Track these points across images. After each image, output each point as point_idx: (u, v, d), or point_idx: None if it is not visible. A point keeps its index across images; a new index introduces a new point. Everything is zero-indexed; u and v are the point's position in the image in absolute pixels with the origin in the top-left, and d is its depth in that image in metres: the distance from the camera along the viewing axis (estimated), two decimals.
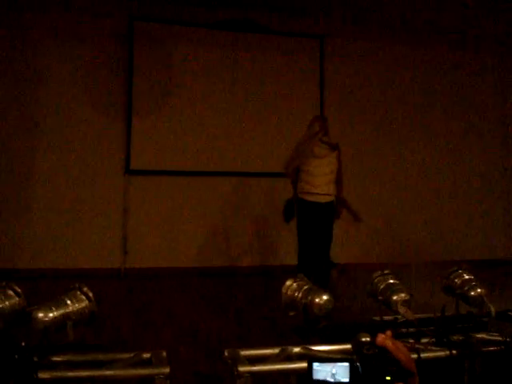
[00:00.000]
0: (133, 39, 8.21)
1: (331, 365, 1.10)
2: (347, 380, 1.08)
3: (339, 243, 8.60)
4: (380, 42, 9.16)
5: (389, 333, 1.10)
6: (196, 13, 8.42)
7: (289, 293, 2.63)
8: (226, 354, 2.33)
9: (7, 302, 2.40)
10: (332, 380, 1.09)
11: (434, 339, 2.53)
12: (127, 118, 8.15)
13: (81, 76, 8.03)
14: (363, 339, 2.12)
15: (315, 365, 1.11)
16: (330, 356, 2.24)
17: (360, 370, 1.07)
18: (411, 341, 2.49)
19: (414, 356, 2.29)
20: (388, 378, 1.03)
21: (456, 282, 2.94)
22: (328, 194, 6.10)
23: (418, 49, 9.35)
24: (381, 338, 1.08)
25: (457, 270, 2.98)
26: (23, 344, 2.13)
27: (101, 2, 8.09)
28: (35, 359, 2.15)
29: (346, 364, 1.09)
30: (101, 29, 8.11)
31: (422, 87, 9.39)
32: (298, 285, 2.63)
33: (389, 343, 1.06)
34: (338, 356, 2.17)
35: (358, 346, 1.09)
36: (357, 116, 9.05)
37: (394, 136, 9.19)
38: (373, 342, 1.09)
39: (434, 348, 2.44)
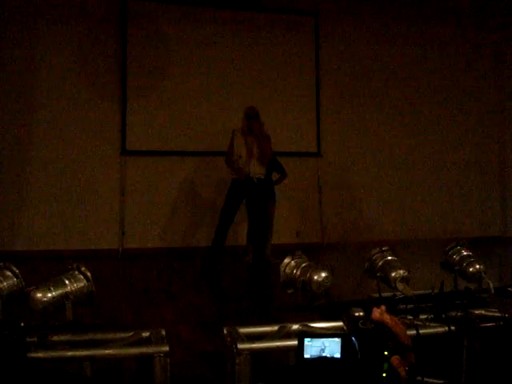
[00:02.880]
0: (127, 18, 8.12)
1: (323, 340, 1.09)
2: (339, 355, 1.06)
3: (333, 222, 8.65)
4: (376, 19, 9.07)
5: (383, 307, 1.08)
6: None
7: (287, 270, 2.63)
8: (225, 331, 2.33)
9: (5, 283, 2.40)
10: (323, 355, 1.07)
11: (432, 315, 2.53)
12: (122, 99, 8.09)
13: (75, 57, 7.93)
14: (356, 314, 2.11)
15: (306, 340, 1.09)
16: (324, 332, 2.24)
17: (356, 345, 1.05)
18: (410, 317, 2.50)
19: (413, 332, 2.29)
20: (386, 352, 1.02)
21: (454, 259, 2.95)
22: None
23: (415, 25, 9.24)
24: (377, 312, 1.06)
25: (455, 247, 2.99)
26: (22, 324, 2.12)
27: None
28: (33, 339, 2.15)
29: (338, 339, 1.08)
30: (95, 8, 8.00)
31: (420, 65, 9.29)
32: (296, 262, 2.63)
33: (387, 317, 1.05)
34: (331, 331, 2.17)
35: (351, 320, 1.07)
36: (352, 94, 8.99)
37: (390, 113, 9.13)
38: (367, 317, 1.07)
39: (432, 324, 2.45)
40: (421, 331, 2.29)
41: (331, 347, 1.09)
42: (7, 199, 7.58)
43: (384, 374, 1.01)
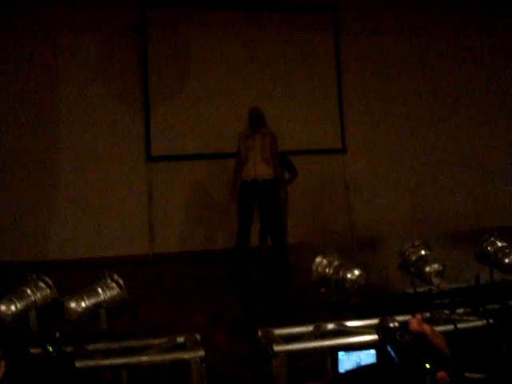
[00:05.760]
0: (146, 26, 8.16)
1: (357, 353, 1.06)
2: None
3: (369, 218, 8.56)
4: (397, 11, 8.96)
5: (419, 316, 1.04)
6: None
7: (319, 269, 2.60)
8: (260, 333, 2.31)
9: (39, 294, 2.42)
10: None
11: (469, 309, 2.49)
12: (145, 106, 8.14)
13: (98, 65, 8.00)
14: (391, 325, 2.04)
15: (340, 354, 1.07)
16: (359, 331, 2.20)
17: (396, 358, 1.01)
18: (446, 312, 2.46)
19: (451, 327, 2.25)
20: (427, 365, 0.98)
21: (489, 250, 2.89)
22: None
23: (436, 20, 9.11)
24: (415, 323, 1.02)
25: (489, 238, 2.93)
26: (57, 335, 2.13)
27: None
28: (69, 349, 2.15)
29: (373, 351, 1.05)
30: (114, 18, 8.06)
31: (440, 59, 9.17)
32: (328, 261, 2.60)
33: (427, 328, 1.01)
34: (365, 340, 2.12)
35: (387, 332, 1.01)
36: (375, 88, 8.90)
37: (415, 107, 9.01)
38: (404, 328, 1.03)
39: (470, 318, 2.40)
40: (459, 325, 2.25)
41: (367, 359, 1.06)
42: (38, 210, 7.68)
43: None
